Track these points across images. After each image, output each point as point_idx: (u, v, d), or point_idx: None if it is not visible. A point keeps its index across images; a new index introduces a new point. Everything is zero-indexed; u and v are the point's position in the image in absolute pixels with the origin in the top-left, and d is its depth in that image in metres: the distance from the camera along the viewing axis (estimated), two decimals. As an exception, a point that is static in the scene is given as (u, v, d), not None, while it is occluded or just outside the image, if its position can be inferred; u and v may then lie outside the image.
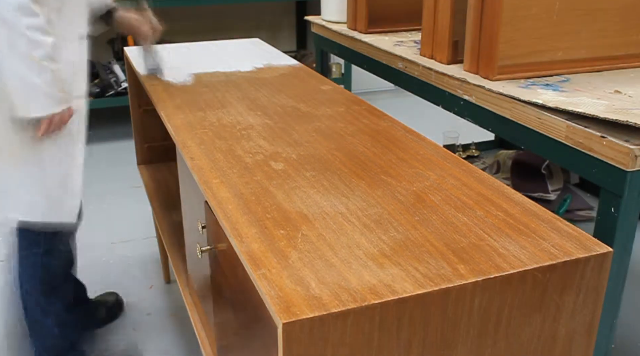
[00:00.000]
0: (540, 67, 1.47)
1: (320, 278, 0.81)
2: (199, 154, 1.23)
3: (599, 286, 0.90)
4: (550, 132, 1.26)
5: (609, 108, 1.22)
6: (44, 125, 1.50)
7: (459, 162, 1.20)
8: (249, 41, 2.33)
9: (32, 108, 1.46)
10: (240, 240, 0.91)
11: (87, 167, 1.69)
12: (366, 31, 2.10)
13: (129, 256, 2.54)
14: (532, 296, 0.86)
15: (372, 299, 0.77)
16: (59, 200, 1.63)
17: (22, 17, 1.36)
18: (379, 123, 1.42)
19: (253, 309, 0.93)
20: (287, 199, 1.04)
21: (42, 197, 1.60)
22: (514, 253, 0.87)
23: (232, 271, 1.03)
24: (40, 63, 1.41)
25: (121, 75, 3.80)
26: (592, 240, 0.91)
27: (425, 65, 1.68)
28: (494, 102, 1.42)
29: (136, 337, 2.05)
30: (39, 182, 1.59)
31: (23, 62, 1.40)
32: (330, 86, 1.71)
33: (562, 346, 0.92)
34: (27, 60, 1.39)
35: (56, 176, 1.61)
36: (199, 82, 1.74)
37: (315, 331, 0.75)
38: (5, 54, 1.40)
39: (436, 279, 0.81)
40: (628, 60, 1.54)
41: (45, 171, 1.59)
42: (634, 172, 1.10)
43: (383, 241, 0.90)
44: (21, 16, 1.36)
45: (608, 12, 1.47)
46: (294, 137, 1.33)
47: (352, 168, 1.17)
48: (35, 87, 1.43)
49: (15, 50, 1.39)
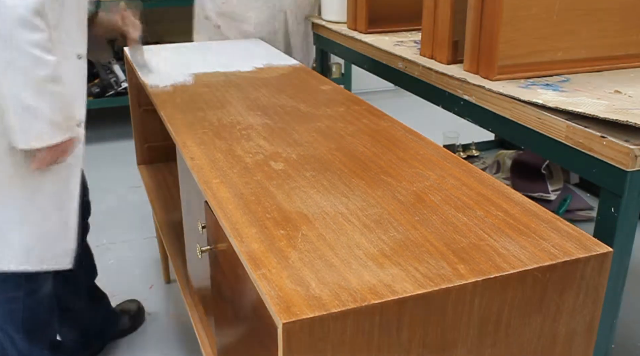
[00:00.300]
0: (540, 67, 1.47)
1: (320, 278, 0.81)
2: (199, 154, 1.23)
3: (599, 286, 0.90)
4: (550, 132, 1.26)
5: (609, 108, 1.22)
6: (40, 156, 1.31)
7: (459, 162, 1.20)
8: (249, 41, 2.33)
9: (33, 137, 1.27)
10: (240, 240, 0.91)
11: (87, 167, 1.64)
12: (366, 31, 2.10)
13: (129, 256, 2.54)
14: (532, 297, 0.86)
15: (372, 299, 0.77)
16: (56, 243, 1.46)
17: (24, 32, 1.19)
18: (379, 123, 1.42)
19: (253, 309, 0.93)
20: (287, 199, 1.04)
21: (37, 241, 1.43)
22: (514, 253, 0.87)
23: (232, 271, 1.03)
24: (44, 85, 1.24)
25: (121, 75, 3.80)
26: (592, 240, 0.91)
27: (425, 65, 1.68)
28: (494, 102, 1.42)
29: (136, 337, 2.05)
30: (34, 224, 1.41)
31: (24, 83, 1.22)
32: (330, 86, 1.71)
33: (562, 346, 0.92)
34: (29, 81, 1.22)
35: (54, 215, 1.44)
36: (199, 82, 1.74)
37: (315, 331, 0.75)
38: (1, 74, 1.21)
39: (436, 279, 0.81)
40: (628, 60, 1.54)
41: (42, 210, 1.41)
42: (634, 172, 1.10)
43: (383, 241, 0.90)
44: (22, 31, 1.19)
45: (608, 12, 1.47)
46: (294, 137, 1.33)
47: (352, 168, 1.17)
48: (37, 112, 1.25)
49: (15, 70, 1.21)
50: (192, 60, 2.00)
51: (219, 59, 2.02)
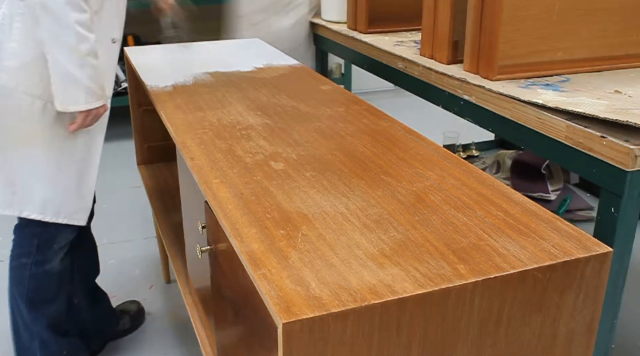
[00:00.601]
0: (540, 67, 1.47)
1: (320, 278, 0.81)
2: (199, 154, 1.23)
3: (599, 286, 0.90)
4: (550, 132, 1.26)
5: (609, 108, 1.22)
6: (80, 120, 1.49)
7: (459, 162, 1.20)
8: (249, 41, 2.33)
9: (72, 101, 1.45)
10: (240, 240, 0.91)
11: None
12: (366, 31, 2.10)
13: (129, 256, 2.54)
14: (532, 297, 0.86)
15: (372, 299, 0.77)
16: (73, 200, 1.60)
17: (71, 12, 1.37)
18: (379, 123, 1.42)
19: (253, 309, 0.93)
20: (287, 199, 1.04)
21: (56, 195, 1.56)
22: (514, 253, 0.87)
23: (232, 271, 1.03)
24: (85, 57, 1.41)
25: (121, 75, 3.80)
26: (592, 240, 0.91)
27: (425, 65, 1.68)
28: (494, 102, 1.42)
29: (136, 337, 2.05)
30: (55, 179, 1.56)
31: (69, 54, 1.40)
32: (330, 86, 1.71)
33: (562, 346, 0.92)
34: (73, 53, 1.40)
35: (72, 173, 1.58)
36: (199, 82, 1.74)
37: (315, 331, 0.75)
38: (48, 45, 1.40)
39: (436, 279, 0.81)
40: (628, 60, 1.54)
41: (62, 166, 1.56)
42: (634, 172, 1.10)
43: (383, 241, 0.90)
44: (70, 10, 1.37)
45: (608, 12, 1.47)
46: (294, 137, 1.33)
47: (352, 168, 1.17)
48: (78, 80, 1.43)
49: (61, 43, 1.39)
50: (192, 60, 2.00)
51: (219, 59, 2.02)
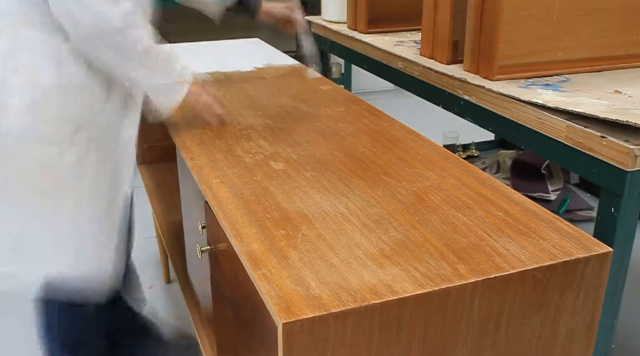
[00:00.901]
0: (540, 67, 1.47)
1: (320, 278, 0.81)
2: (199, 154, 1.23)
3: (599, 286, 0.90)
4: (550, 132, 1.26)
5: (609, 108, 1.22)
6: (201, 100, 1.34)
7: (459, 162, 1.20)
8: (249, 41, 2.33)
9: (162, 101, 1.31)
10: (240, 240, 0.91)
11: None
12: (366, 31, 2.10)
13: (129, 256, 2.54)
14: (532, 297, 0.86)
15: (372, 299, 0.77)
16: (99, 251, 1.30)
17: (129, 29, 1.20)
18: (379, 123, 1.42)
19: (253, 309, 0.93)
20: (287, 199, 1.04)
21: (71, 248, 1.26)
22: (514, 253, 0.87)
23: (232, 271, 1.03)
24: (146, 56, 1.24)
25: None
26: (592, 240, 0.91)
27: (425, 65, 1.68)
28: (494, 102, 1.42)
29: (136, 337, 2.05)
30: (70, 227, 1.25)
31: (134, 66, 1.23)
32: (330, 86, 1.71)
33: (562, 346, 0.92)
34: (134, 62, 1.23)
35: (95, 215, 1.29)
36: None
37: (315, 331, 0.75)
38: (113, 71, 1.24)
39: (436, 279, 0.81)
40: (628, 60, 1.54)
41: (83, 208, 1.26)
42: (634, 172, 1.10)
43: (383, 241, 0.90)
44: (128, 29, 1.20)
45: (608, 12, 1.47)
46: (294, 137, 1.33)
47: (352, 168, 1.17)
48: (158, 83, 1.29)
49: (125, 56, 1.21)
50: (192, 60, 2.00)
51: (219, 59, 2.02)
